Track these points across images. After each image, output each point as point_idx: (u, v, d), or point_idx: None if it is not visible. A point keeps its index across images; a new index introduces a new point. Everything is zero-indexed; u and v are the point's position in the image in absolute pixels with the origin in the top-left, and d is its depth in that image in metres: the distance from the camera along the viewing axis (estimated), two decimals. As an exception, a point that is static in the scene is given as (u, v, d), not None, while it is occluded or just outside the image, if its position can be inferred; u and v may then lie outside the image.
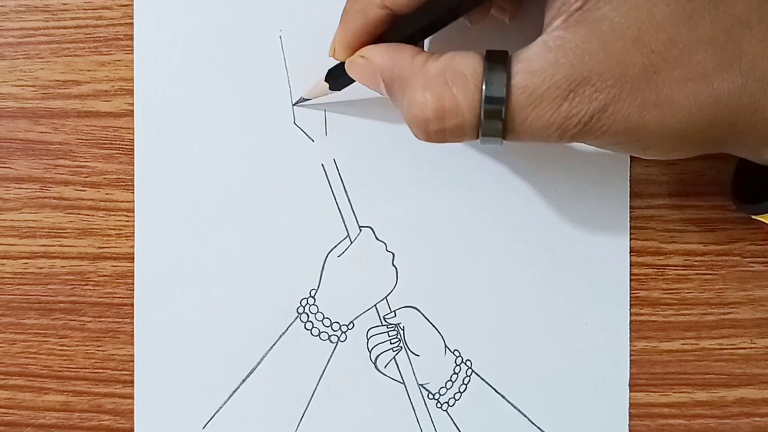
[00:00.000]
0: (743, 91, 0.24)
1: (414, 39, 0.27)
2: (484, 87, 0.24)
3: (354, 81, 0.29)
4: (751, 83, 0.24)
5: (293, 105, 0.33)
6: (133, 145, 0.33)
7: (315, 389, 0.33)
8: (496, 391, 0.33)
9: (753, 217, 0.30)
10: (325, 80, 0.30)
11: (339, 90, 0.30)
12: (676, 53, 0.23)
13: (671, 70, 0.23)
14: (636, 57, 0.23)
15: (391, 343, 0.33)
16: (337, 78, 0.30)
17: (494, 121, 0.24)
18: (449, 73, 0.25)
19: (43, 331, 0.34)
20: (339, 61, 0.29)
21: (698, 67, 0.23)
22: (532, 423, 0.33)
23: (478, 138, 0.25)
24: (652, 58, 0.23)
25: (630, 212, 0.33)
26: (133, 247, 0.33)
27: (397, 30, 0.27)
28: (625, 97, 0.24)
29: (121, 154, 0.34)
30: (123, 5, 0.33)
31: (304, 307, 0.33)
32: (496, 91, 0.24)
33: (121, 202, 0.34)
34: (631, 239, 0.33)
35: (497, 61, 0.24)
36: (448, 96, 0.24)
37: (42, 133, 0.34)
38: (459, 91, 0.24)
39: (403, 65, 0.26)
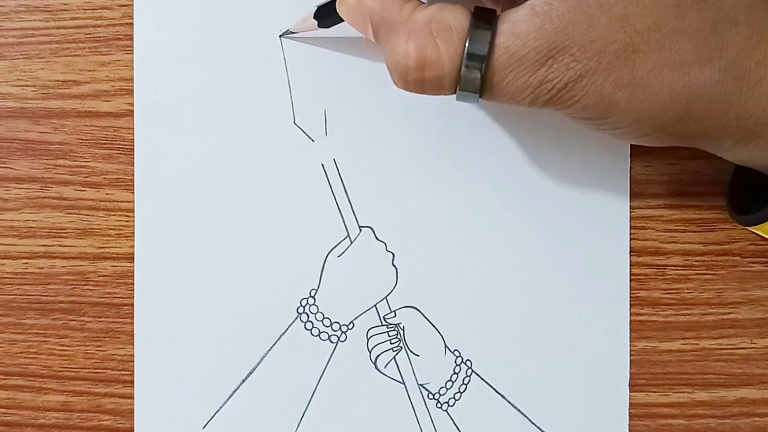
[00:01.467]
0: (719, 87, 0.24)
1: None
2: (467, 42, 0.24)
3: (342, 21, 0.29)
4: (728, 80, 0.24)
5: (279, 36, 0.33)
6: (133, 145, 0.33)
7: (315, 389, 0.33)
8: (496, 391, 0.33)
9: (749, 228, 0.30)
10: (314, 17, 0.30)
11: (327, 27, 0.30)
12: (659, 38, 0.24)
13: (651, 53, 0.24)
14: (619, 34, 0.23)
15: (391, 343, 0.33)
16: (327, 16, 0.29)
17: (473, 77, 0.25)
18: (435, 24, 0.25)
19: (43, 331, 0.34)
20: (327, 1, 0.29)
21: (678, 56, 0.24)
22: (532, 423, 0.33)
23: (454, 93, 0.26)
24: (634, 37, 0.23)
25: (630, 212, 0.33)
26: (133, 247, 0.33)
27: None
28: (600, 71, 0.24)
29: (121, 154, 0.34)
30: (123, 5, 0.33)
31: (304, 307, 0.33)
32: (479, 48, 0.24)
33: (121, 202, 0.34)
34: (631, 239, 0.33)
35: (484, 19, 0.24)
36: (431, 46, 0.25)
37: (42, 133, 0.34)
38: (442, 43, 0.25)
39: (392, 11, 0.26)
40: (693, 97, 0.24)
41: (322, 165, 0.33)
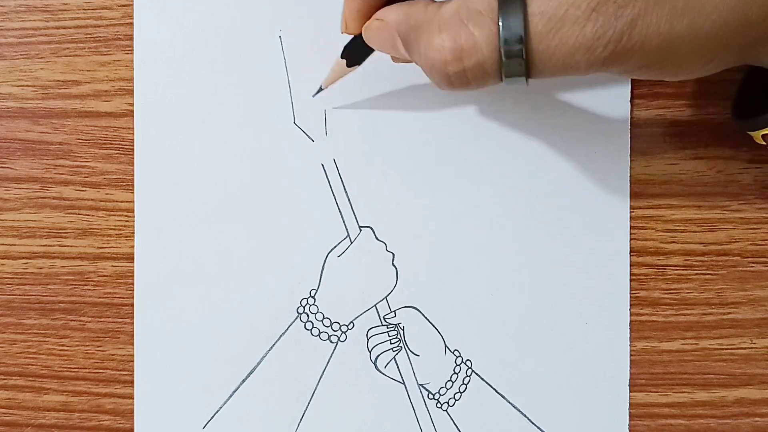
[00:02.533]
0: None
1: None
2: (500, 20, 0.23)
3: (370, 53, 0.28)
4: None
5: (312, 96, 0.33)
6: (133, 145, 0.33)
7: (315, 389, 0.33)
8: (496, 391, 0.33)
9: (748, 133, 0.29)
10: (342, 56, 0.30)
11: (357, 64, 0.30)
12: None
13: None
14: None
15: (391, 343, 0.33)
16: (353, 54, 0.29)
17: (515, 54, 0.23)
18: (463, 11, 0.24)
19: (43, 331, 0.34)
20: (352, 36, 0.29)
21: None
22: (532, 423, 0.33)
23: (501, 79, 0.24)
24: None
25: (630, 212, 0.33)
26: (133, 247, 0.33)
27: None
28: (651, 9, 0.23)
29: (121, 154, 0.34)
30: (123, 5, 0.33)
31: (304, 307, 0.33)
32: (513, 21, 0.23)
33: (121, 202, 0.34)
34: (631, 239, 0.33)
35: None
36: (465, 34, 0.24)
37: (42, 133, 0.34)
38: (475, 28, 0.24)
39: (417, 15, 0.25)
40: (747, 2, 0.23)
41: (322, 165, 0.33)
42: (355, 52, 0.29)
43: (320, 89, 0.32)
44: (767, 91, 0.28)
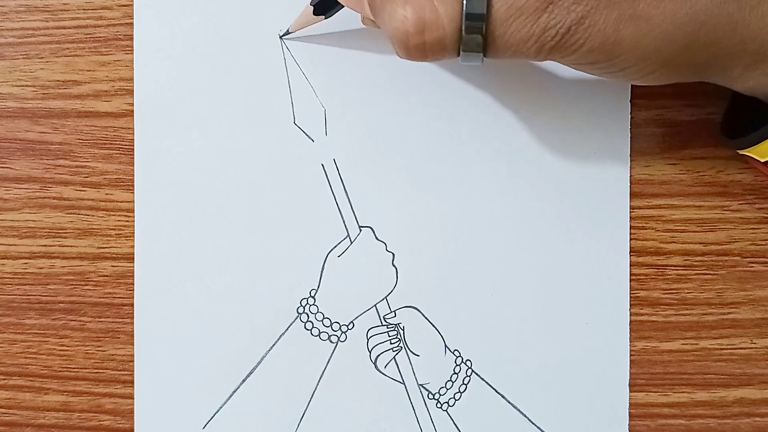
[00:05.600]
0: (721, 9, 0.24)
1: None
2: (465, 0, 0.24)
3: (339, 8, 0.29)
4: (729, 1, 0.24)
5: (280, 37, 0.33)
6: (133, 145, 0.33)
7: (315, 389, 0.33)
8: (496, 391, 0.33)
9: (739, 152, 0.29)
10: (311, 4, 0.30)
11: (326, 18, 0.30)
12: None
13: None
14: None
15: (391, 343, 0.33)
16: (324, 6, 0.30)
17: (475, 35, 0.24)
18: None
19: (43, 331, 0.34)
20: None
21: None
22: (532, 423, 0.33)
23: (458, 55, 0.25)
24: None
25: (630, 212, 0.33)
26: (133, 247, 0.33)
27: None
28: (602, 10, 0.24)
29: (121, 154, 0.34)
30: (123, 5, 0.33)
31: (304, 307, 0.33)
32: (476, 3, 0.24)
33: (121, 202, 0.34)
34: (631, 239, 0.33)
35: None
36: (429, 8, 0.25)
37: (42, 133, 0.34)
38: (440, 4, 0.25)
39: None
40: (696, 23, 0.24)
41: (322, 165, 0.33)
42: (325, 3, 0.30)
43: (287, 32, 0.32)
44: (752, 109, 0.28)
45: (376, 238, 0.33)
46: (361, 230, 0.33)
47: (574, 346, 0.33)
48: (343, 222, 0.33)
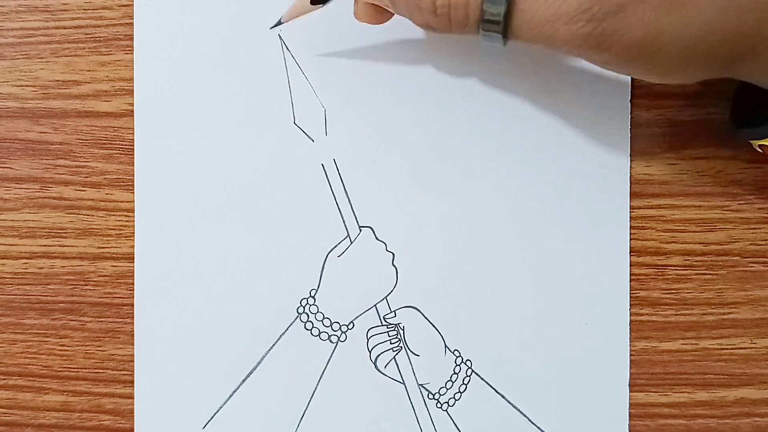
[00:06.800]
0: None
1: None
2: None
3: None
4: None
5: (270, 28, 0.32)
6: (133, 145, 0.33)
7: (315, 389, 0.33)
8: (496, 391, 0.33)
9: (751, 142, 0.29)
10: None
11: (321, 3, 0.29)
12: None
13: None
14: None
15: (391, 343, 0.33)
16: None
17: (498, 7, 0.23)
18: None
19: (43, 331, 0.34)
20: None
21: None
22: (532, 423, 0.33)
23: (479, 30, 0.24)
24: None
25: (630, 212, 0.33)
26: (133, 247, 0.33)
27: None
28: None
29: (121, 154, 0.34)
30: (123, 5, 0.33)
31: (304, 307, 0.33)
32: None
33: (121, 202, 0.34)
34: (631, 239, 0.33)
35: None
36: None
37: (42, 133, 0.34)
38: None
39: None
40: (741, 11, 0.22)
41: (322, 165, 0.33)
42: None
43: (279, 22, 0.31)
44: (762, 99, 0.27)
45: (376, 238, 0.33)
46: (361, 230, 0.33)
47: (574, 346, 0.33)
48: (343, 222, 0.33)
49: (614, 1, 0.22)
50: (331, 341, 0.33)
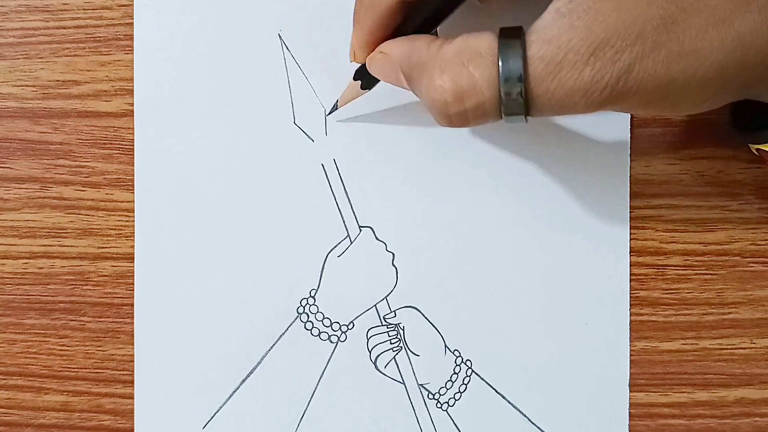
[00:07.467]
0: (765, 27, 0.23)
1: (427, 27, 0.27)
2: (500, 62, 0.24)
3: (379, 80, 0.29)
4: None
5: (326, 115, 0.33)
6: (133, 145, 0.33)
7: (315, 389, 0.33)
8: (496, 391, 0.33)
9: (752, 146, 0.29)
10: (354, 79, 0.30)
11: (369, 88, 0.30)
12: (692, 1, 0.23)
13: (690, 18, 0.23)
14: (652, 10, 0.23)
15: (391, 343, 0.33)
16: (365, 77, 0.30)
17: (515, 96, 0.24)
18: (464, 53, 0.24)
19: (43, 331, 0.34)
20: (360, 64, 0.29)
21: (716, 12, 0.23)
22: (532, 423, 0.33)
23: (501, 117, 0.25)
24: (668, 8, 0.23)
25: (630, 212, 0.33)
26: (133, 247, 0.33)
27: (409, 21, 0.27)
28: (648, 54, 0.23)
29: (121, 154, 0.34)
30: (123, 5, 0.33)
31: (304, 307, 0.33)
32: (512, 64, 0.23)
33: (121, 202, 0.34)
34: (631, 239, 0.33)
35: (511, 36, 0.24)
36: (465, 76, 0.24)
37: (42, 133, 0.34)
38: (475, 70, 0.24)
39: (419, 53, 0.26)
40: (745, 47, 0.23)
41: (322, 165, 0.33)
42: (368, 76, 0.29)
43: (335, 107, 0.32)
44: (760, 104, 0.28)
45: (376, 238, 0.33)
46: (361, 230, 0.33)
47: (574, 346, 0.33)
48: (343, 222, 0.33)
49: (621, 65, 0.23)
50: (331, 341, 0.33)
